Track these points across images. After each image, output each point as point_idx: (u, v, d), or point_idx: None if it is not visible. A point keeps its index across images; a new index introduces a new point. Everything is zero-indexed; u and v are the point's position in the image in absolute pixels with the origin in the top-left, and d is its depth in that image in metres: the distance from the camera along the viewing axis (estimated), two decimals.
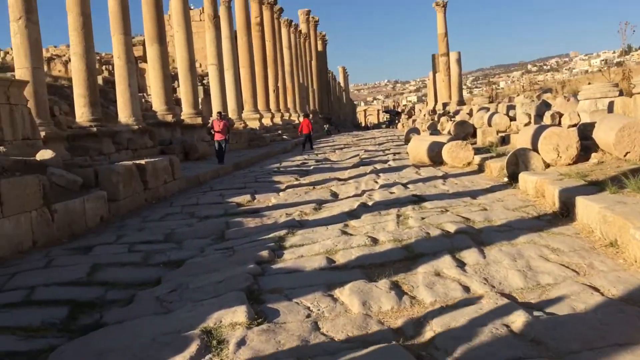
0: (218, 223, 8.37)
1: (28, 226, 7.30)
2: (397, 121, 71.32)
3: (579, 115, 12.04)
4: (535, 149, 9.65)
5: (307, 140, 26.05)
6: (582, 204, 6.10)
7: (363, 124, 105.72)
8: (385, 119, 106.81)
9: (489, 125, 18.36)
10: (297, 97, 49.24)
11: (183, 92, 23.30)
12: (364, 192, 10.32)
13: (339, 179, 12.83)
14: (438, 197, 8.75)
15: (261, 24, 37.44)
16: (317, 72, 62.86)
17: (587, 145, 9.38)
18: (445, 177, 11.57)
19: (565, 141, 9.09)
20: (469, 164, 13.03)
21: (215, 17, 27.87)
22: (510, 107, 18.84)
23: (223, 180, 14.89)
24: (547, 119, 12.13)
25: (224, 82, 28.72)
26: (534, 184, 8.12)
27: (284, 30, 46.85)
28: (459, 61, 38.14)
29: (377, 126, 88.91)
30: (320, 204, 9.48)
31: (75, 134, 14.98)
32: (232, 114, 30.24)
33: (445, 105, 37.66)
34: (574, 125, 11.75)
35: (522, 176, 8.72)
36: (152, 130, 18.78)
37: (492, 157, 12.29)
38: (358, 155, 19.94)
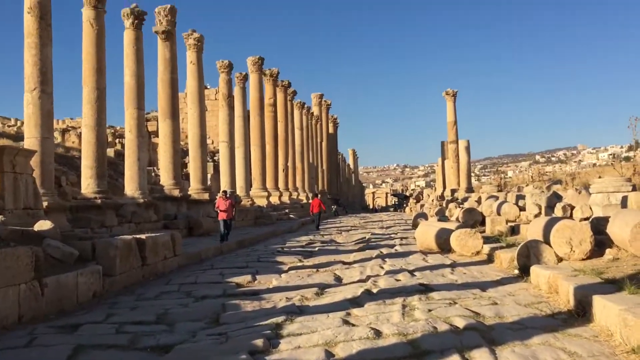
0: (214, 305, 7.99)
1: (15, 300, 6.97)
2: (405, 205, 71.23)
3: (590, 208, 11.79)
4: (547, 241, 9.34)
5: (317, 219, 26.75)
6: (600, 304, 5.72)
7: (371, 206, 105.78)
8: (393, 202, 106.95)
9: (498, 214, 18.11)
10: (306, 176, 49.53)
11: (192, 167, 23.41)
12: (368, 277, 9.95)
13: (344, 263, 12.47)
14: (446, 288, 8.36)
15: (274, 104, 38.25)
16: (327, 154, 63.60)
17: (601, 240, 9.06)
18: (453, 265, 11.20)
19: (579, 235, 8.79)
20: (478, 253, 12.67)
21: (229, 97, 28.49)
22: (520, 197, 18.65)
23: (225, 258, 14.56)
24: (558, 211, 11.88)
25: (234, 159, 28.96)
26: (547, 279, 7.75)
27: (296, 112, 47.82)
28: (467, 149, 38.50)
29: (385, 209, 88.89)
30: (322, 288, 9.11)
31: (79, 205, 14.86)
32: (240, 190, 30.27)
33: (453, 191, 37.63)
34: (586, 219, 11.48)
35: (534, 269, 8.36)
36: (157, 204, 18.67)
37: (501, 247, 11.95)
38: (365, 238, 19.62)
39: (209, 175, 37.10)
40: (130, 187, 17.80)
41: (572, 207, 12.06)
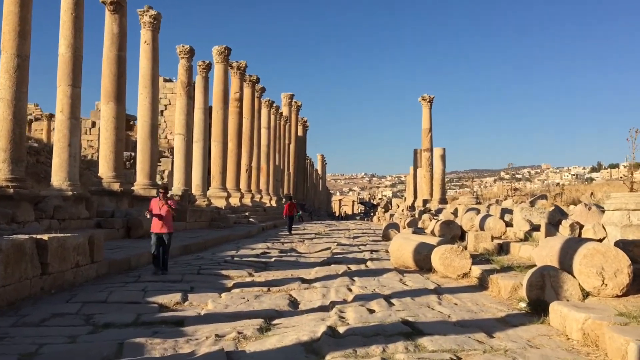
0: (110, 343, 5.55)
1: None
2: (372, 214, 69.33)
3: (604, 228, 9.72)
4: (566, 269, 7.17)
5: (290, 222, 26.88)
6: None
7: (337, 214, 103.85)
8: (360, 211, 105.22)
9: (481, 229, 16.02)
10: (271, 179, 47.01)
11: (139, 159, 20.76)
12: (333, 304, 7.61)
13: (303, 280, 10.12)
14: (439, 329, 6.07)
15: (240, 99, 35.70)
16: (294, 157, 61.19)
17: (637, 270, 6.93)
18: (438, 291, 8.95)
19: (614, 264, 6.63)
20: (465, 275, 10.48)
21: (189, 85, 25.89)
22: (506, 211, 16.62)
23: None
24: (564, 230, 9.78)
25: (191, 155, 26.33)
26: (581, 324, 5.55)
27: (264, 110, 45.33)
28: (443, 157, 36.45)
29: (352, 217, 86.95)
30: (270, 319, 6.76)
31: None
32: (196, 189, 27.66)
33: (425, 202, 35.61)
34: (599, 241, 9.38)
35: (557, 309, 6.16)
36: (90, 198, 16.01)
37: (495, 271, 9.78)
38: (330, 248, 17.29)
39: (166, 172, 34.39)
40: (58, 176, 15.11)
41: (582, 226, 10.00)
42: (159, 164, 39.69)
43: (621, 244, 8.01)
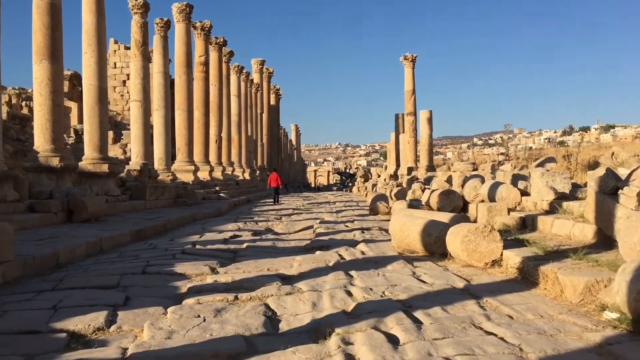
0: None
1: None
2: (350, 184, 67.01)
3: None
4: None
5: (275, 194, 28.29)
6: None
7: (313, 185, 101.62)
8: (336, 181, 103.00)
9: (490, 199, 13.63)
10: (243, 150, 44.13)
11: (86, 129, 17.80)
12: (330, 326, 5.04)
13: (283, 278, 7.54)
14: None
15: (206, 64, 32.53)
16: (267, 127, 58.21)
17: None
18: (472, 292, 6.47)
19: None
20: (494, 262, 8.03)
21: (144, 45, 22.75)
22: (519, 177, 14.21)
23: (98, 261, 9.34)
24: (628, 201, 7.35)
25: (150, 125, 23.36)
26: None
27: (233, 77, 42.18)
28: (430, 120, 33.65)
29: (328, 188, 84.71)
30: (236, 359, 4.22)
31: None
32: (159, 163, 24.77)
33: (410, 169, 33.18)
34: None
35: None
36: (20, 176, 13.11)
37: (539, 258, 7.34)
38: (312, 227, 14.73)
39: (129, 147, 31.27)
40: None
41: None
42: (121, 137, 36.61)
43: None
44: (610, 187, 8.12)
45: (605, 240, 7.90)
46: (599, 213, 8.22)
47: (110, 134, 32.78)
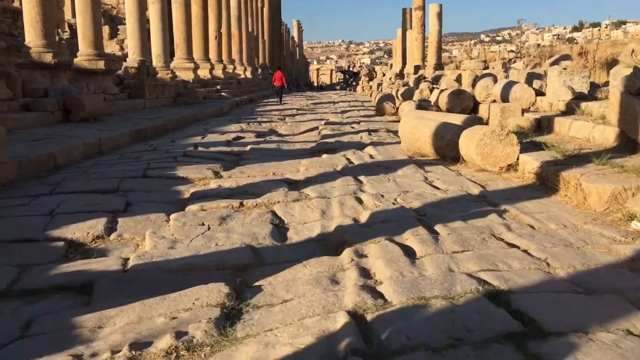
0: None
1: None
2: (353, 83, 65.75)
3: None
4: None
5: (280, 93, 28.40)
6: None
7: (316, 84, 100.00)
8: (339, 80, 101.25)
9: (503, 99, 13.10)
10: (244, 47, 42.75)
11: (79, 22, 16.89)
12: (342, 240, 4.78)
13: (290, 183, 7.24)
14: (555, 311, 3.30)
15: None
16: (269, 22, 56.13)
17: None
18: (488, 199, 6.17)
19: None
20: (509, 167, 7.69)
21: None
22: (534, 76, 13.59)
23: (97, 163, 9.01)
24: None
25: (146, 18, 22.28)
26: None
27: None
28: (439, 15, 31.96)
29: (331, 87, 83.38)
30: (243, 270, 4.00)
31: None
32: (157, 60, 23.87)
33: (417, 68, 32.13)
34: None
35: None
36: (12, 73, 12.52)
37: (558, 163, 6.98)
38: (317, 129, 14.32)
39: (126, 42, 30.11)
40: None
41: None
42: (117, 32, 35.26)
43: None
44: (638, 87, 7.61)
45: (628, 144, 7.50)
46: (623, 115, 7.76)
47: (106, 29, 31.54)
